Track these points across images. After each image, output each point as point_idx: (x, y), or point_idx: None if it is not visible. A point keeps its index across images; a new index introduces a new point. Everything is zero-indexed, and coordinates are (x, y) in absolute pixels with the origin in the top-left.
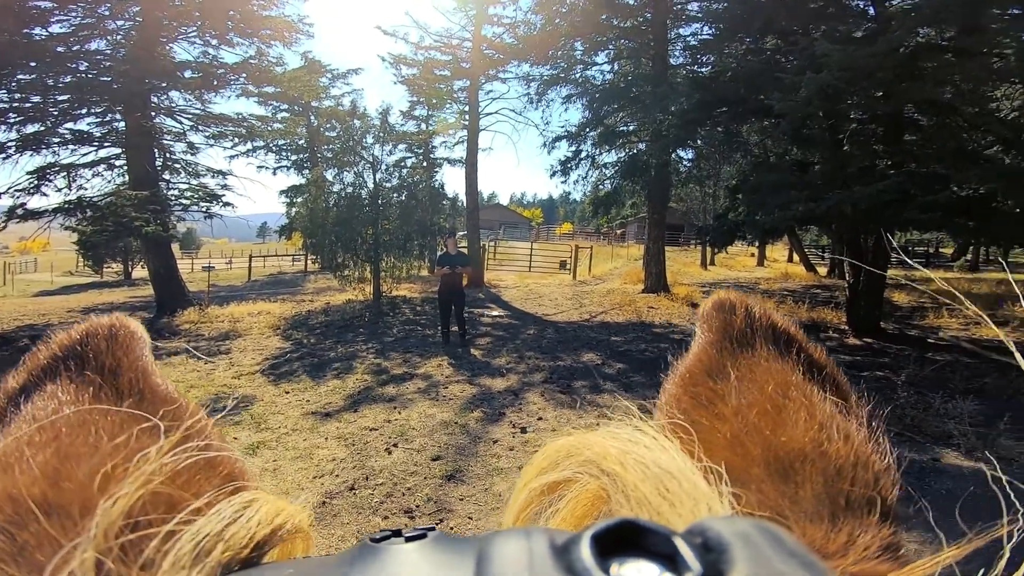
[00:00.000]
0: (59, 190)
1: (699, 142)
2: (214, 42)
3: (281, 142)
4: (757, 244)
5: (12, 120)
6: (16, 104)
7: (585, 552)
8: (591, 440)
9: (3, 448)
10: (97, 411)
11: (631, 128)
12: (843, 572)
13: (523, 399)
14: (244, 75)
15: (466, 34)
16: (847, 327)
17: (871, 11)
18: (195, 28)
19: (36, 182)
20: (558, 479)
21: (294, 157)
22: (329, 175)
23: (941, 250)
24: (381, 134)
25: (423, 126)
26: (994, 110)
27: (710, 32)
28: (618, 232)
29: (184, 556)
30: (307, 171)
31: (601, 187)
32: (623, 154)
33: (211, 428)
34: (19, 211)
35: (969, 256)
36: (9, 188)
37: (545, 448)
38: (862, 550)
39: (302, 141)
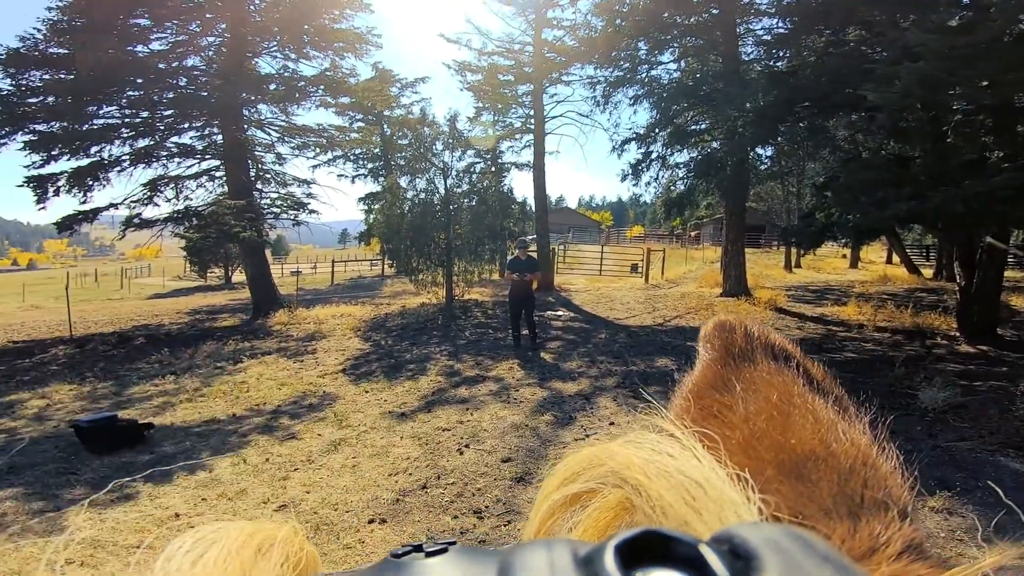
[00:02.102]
0: (169, 200)
1: (779, 139)
2: (293, 56)
3: (357, 151)
4: (850, 245)
5: (125, 135)
6: (127, 120)
7: (609, 563)
8: (614, 450)
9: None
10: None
11: (703, 127)
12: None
13: (594, 404)
14: (322, 87)
15: (527, 38)
16: (958, 333)
17: None
18: (275, 42)
19: (149, 193)
20: (580, 490)
21: (370, 165)
22: (403, 182)
23: None
24: (450, 140)
25: (490, 131)
26: None
27: (784, 27)
28: (692, 234)
29: None
30: (382, 178)
31: (673, 188)
32: (695, 153)
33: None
34: (135, 220)
35: None
36: (126, 199)
37: (566, 459)
38: (886, 549)
39: (377, 149)
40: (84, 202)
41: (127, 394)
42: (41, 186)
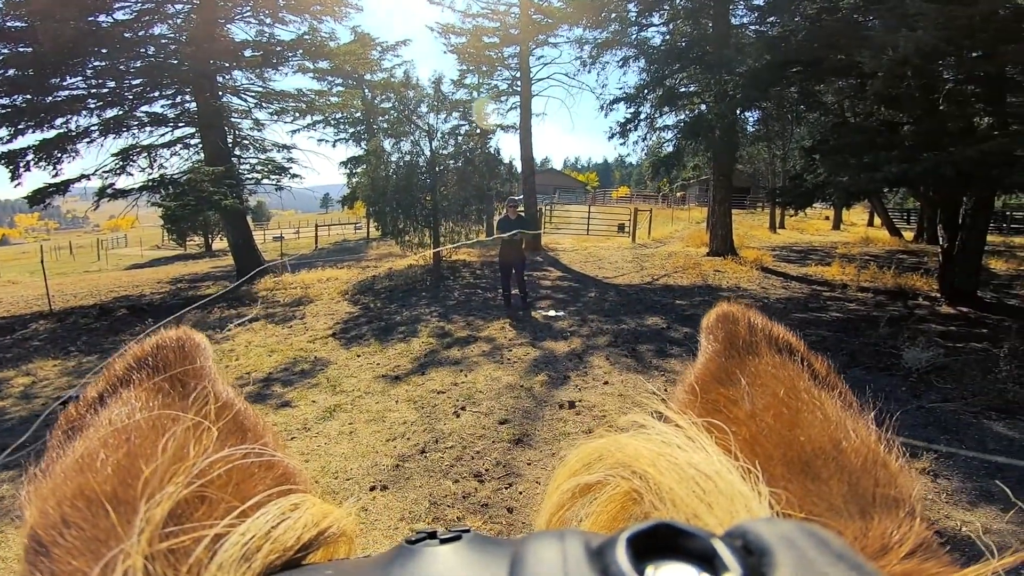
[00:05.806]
0: (142, 170)
1: (769, 102)
2: (268, 20)
3: (338, 115)
4: (833, 207)
5: (92, 105)
6: (93, 90)
7: (621, 555)
8: (623, 442)
9: (82, 449)
10: (166, 415)
11: (692, 89)
12: (891, 574)
13: (587, 363)
14: (300, 51)
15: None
16: (939, 295)
17: None
18: (249, 7)
19: (121, 163)
20: (590, 481)
21: (351, 129)
22: (387, 145)
23: None
24: (435, 103)
25: (475, 94)
26: None
27: None
28: (678, 195)
29: (231, 557)
30: (365, 142)
31: (660, 149)
32: (684, 115)
33: (268, 432)
34: (109, 191)
35: None
36: (97, 170)
37: (578, 449)
38: (899, 547)
39: (358, 113)
40: (55, 175)
41: None
42: (12, 162)
